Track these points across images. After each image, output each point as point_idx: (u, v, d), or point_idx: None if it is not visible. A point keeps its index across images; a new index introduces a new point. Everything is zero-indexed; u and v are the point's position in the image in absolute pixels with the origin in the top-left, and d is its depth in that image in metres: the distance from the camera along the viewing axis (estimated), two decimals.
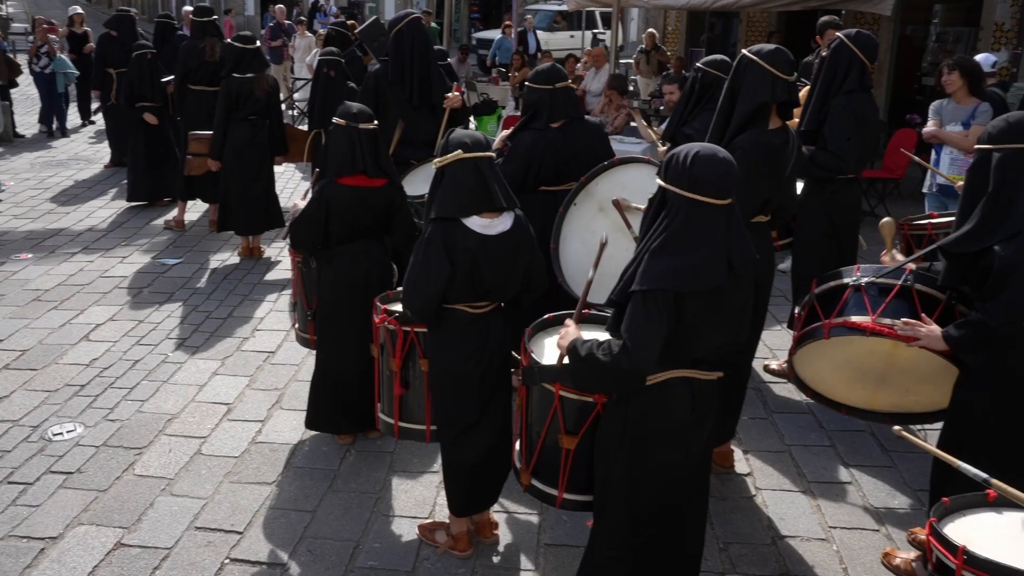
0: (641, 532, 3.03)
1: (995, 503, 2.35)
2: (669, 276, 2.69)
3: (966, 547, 2.04)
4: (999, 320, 3.07)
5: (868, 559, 3.80)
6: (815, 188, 5.13)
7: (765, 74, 3.82)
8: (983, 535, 2.21)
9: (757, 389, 5.38)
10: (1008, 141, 3.16)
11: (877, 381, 3.69)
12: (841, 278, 3.68)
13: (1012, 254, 3.05)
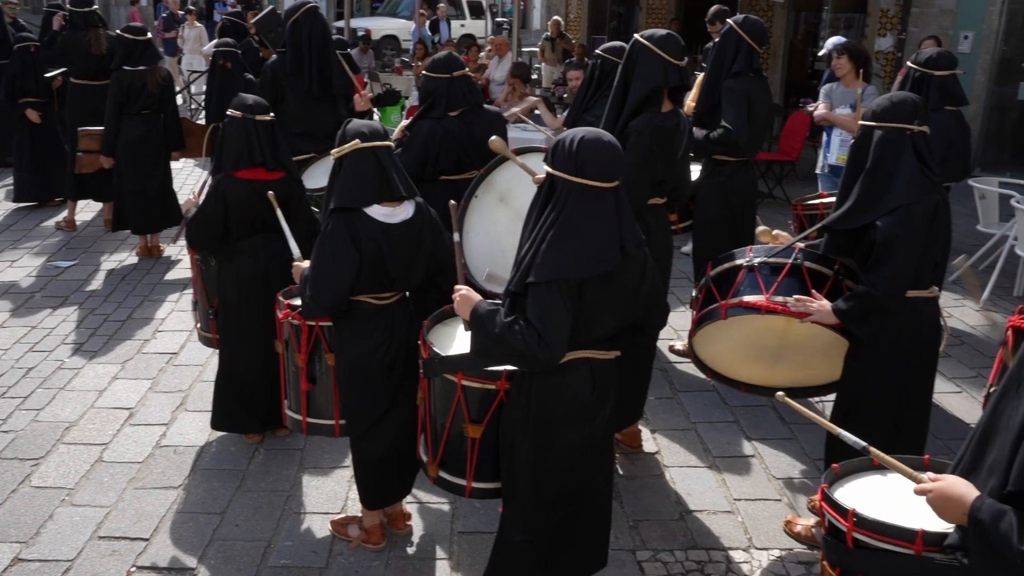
0: (550, 514, 3.07)
1: (880, 467, 2.45)
2: (569, 265, 2.71)
3: (855, 510, 2.13)
4: (883, 292, 3.22)
5: (771, 528, 3.94)
6: (712, 171, 5.26)
7: (657, 59, 3.90)
8: (871, 497, 2.31)
9: (663, 369, 5.51)
10: (889, 120, 3.30)
11: (774, 358, 3.82)
12: (735, 259, 3.78)
13: (891, 228, 3.20)
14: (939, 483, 1.96)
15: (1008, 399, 1.85)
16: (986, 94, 11.73)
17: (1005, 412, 1.85)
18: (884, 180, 3.25)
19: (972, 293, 3.23)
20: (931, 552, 1.99)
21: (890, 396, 3.36)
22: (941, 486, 1.95)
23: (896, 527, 2.06)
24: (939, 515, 1.94)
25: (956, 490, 1.92)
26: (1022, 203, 6.78)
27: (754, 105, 5.10)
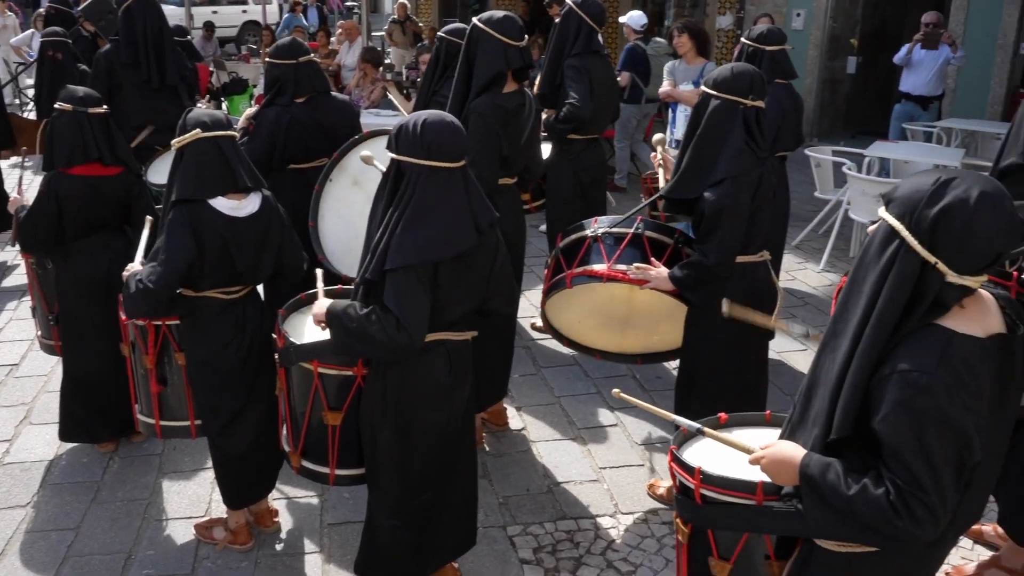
0: (416, 496, 3.09)
1: (727, 425, 2.58)
2: (425, 248, 2.72)
3: (701, 467, 2.24)
4: (714, 260, 3.38)
5: (636, 493, 4.08)
6: (562, 150, 5.35)
7: (497, 43, 3.94)
8: (717, 455, 2.43)
9: (526, 347, 5.59)
10: (726, 91, 3.41)
11: (623, 324, 3.97)
12: (582, 230, 3.90)
13: (719, 199, 3.35)
14: (768, 450, 2.08)
15: (827, 352, 1.97)
16: (819, 68, 12.39)
17: (824, 366, 1.98)
18: (713, 151, 3.40)
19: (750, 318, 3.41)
20: (771, 501, 2.11)
21: (729, 357, 3.53)
22: (771, 452, 2.07)
23: (738, 480, 2.18)
24: (775, 480, 2.06)
25: (785, 453, 2.03)
26: (853, 170, 7.23)
27: (596, 83, 5.22)
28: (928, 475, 1.77)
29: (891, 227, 1.87)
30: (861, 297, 1.89)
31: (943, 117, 10.07)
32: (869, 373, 1.85)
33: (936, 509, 1.79)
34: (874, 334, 1.84)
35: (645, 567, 3.59)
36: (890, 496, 1.80)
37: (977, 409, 1.80)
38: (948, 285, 1.82)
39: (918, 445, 1.78)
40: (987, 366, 1.85)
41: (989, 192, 1.81)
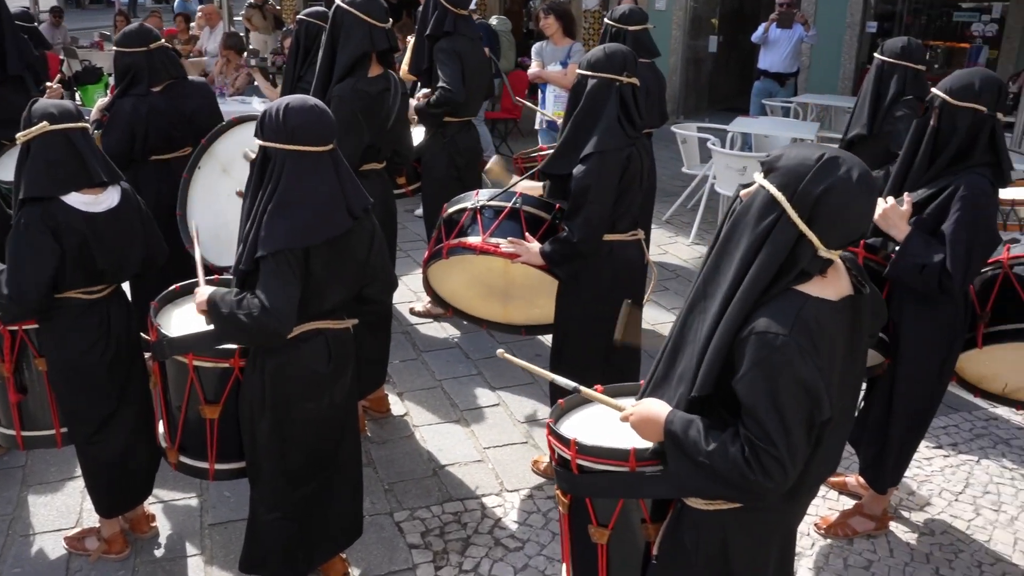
0: (299, 488, 3.04)
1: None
2: (293, 233, 2.68)
3: (576, 439, 2.29)
4: (580, 237, 3.46)
5: (520, 470, 4.14)
6: (436, 133, 5.33)
7: (362, 24, 3.89)
8: (592, 426, 2.49)
9: (406, 332, 5.57)
10: (601, 70, 3.49)
11: (504, 296, 4.04)
12: (463, 202, 3.94)
13: (585, 176, 3.42)
14: (636, 407, 2.15)
15: (695, 314, 2.05)
16: (682, 48, 12.74)
17: (692, 326, 2.06)
18: (589, 128, 3.47)
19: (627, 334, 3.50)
20: (643, 467, 2.18)
21: (597, 331, 3.62)
22: (638, 410, 2.14)
23: (612, 449, 2.24)
24: (643, 437, 2.14)
25: (651, 411, 2.11)
26: (717, 145, 7.49)
27: (468, 66, 5.23)
28: (779, 431, 1.87)
29: (772, 197, 1.93)
30: (734, 261, 1.96)
31: (799, 93, 10.55)
32: (733, 334, 1.94)
33: (785, 463, 1.88)
34: (743, 298, 1.92)
35: (532, 542, 3.65)
36: (744, 451, 1.90)
37: (828, 369, 1.91)
38: (817, 258, 1.91)
39: (771, 403, 1.87)
40: (840, 327, 1.96)
41: (865, 175, 1.90)
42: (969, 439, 4.54)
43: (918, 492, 4.06)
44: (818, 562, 3.56)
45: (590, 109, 3.48)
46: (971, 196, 3.05)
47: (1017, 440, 4.54)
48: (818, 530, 3.72)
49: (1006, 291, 3.32)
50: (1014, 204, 4.51)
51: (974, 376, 3.67)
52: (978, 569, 3.56)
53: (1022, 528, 3.82)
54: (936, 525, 3.83)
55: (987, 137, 3.11)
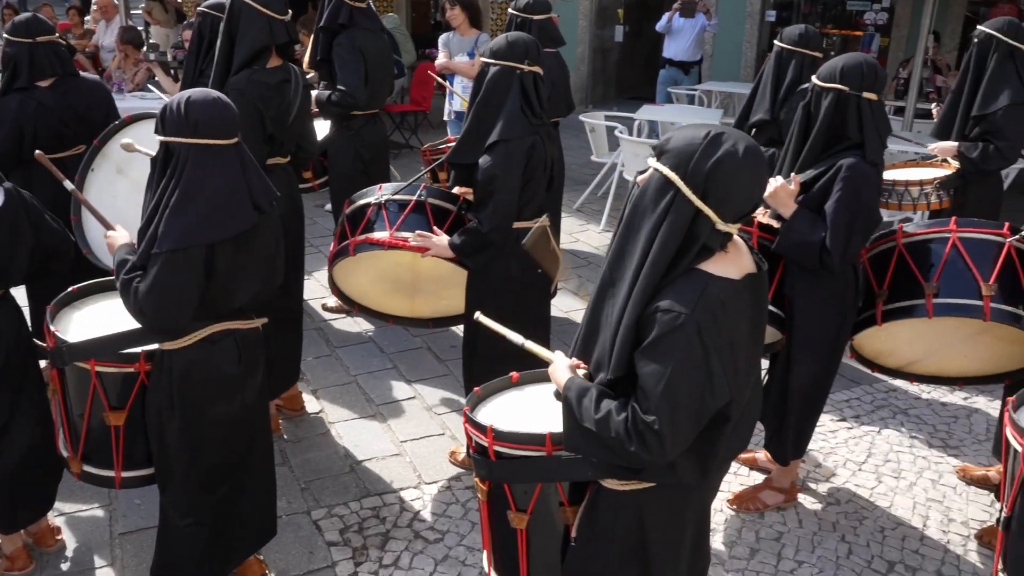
0: (211, 492, 2.98)
1: (519, 383, 2.67)
2: (196, 229, 2.60)
3: (493, 425, 2.30)
4: (489, 226, 3.47)
5: (438, 462, 4.13)
6: (342, 126, 5.26)
7: (260, 17, 3.81)
8: (509, 412, 2.51)
9: (318, 328, 5.50)
10: (503, 58, 3.50)
11: (412, 290, 4.02)
12: (366, 197, 3.90)
13: (491, 166, 3.44)
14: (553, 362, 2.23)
15: (605, 300, 2.08)
16: (589, 37, 12.87)
17: (603, 312, 2.09)
18: (491, 117, 3.47)
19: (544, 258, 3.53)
20: (560, 450, 2.21)
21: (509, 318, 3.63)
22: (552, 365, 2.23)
23: (527, 434, 2.26)
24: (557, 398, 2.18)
25: (556, 376, 2.17)
26: (624, 133, 7.60)
27: (371, 60, 5.15)
28: (664, 408, 1.91)
29: (666, 178, 1.97)
30: (637, 244, 1.99)
31: (703, 81, 10.78)
32: (640, 314, 1.97)
33: (664, 439, 1.92)
34: (648, 277, 1.96)
35: (452, 532, 3.65)
36: (627, 422, 1.94)
37: (730, 348, 1.95)
38: (716, 232, 1.96)
39: (663, 379, 1.90)
40: (742, 305, 2.01)
41: (751, 148, 1.96)
42: (871, 411, 4.73)
43: (824, 464, 4.21)
44: (731, 537, 3.66)
45: (491, 97, 3.49)
46: (851, 177, 3.17)
47: (915, 410, 4.75)
48: (730, 506, 3.82)
49: (901, 268, 3.46)
50: (895, 184, 4.69)
51: (872, 352, 3.82)
52: (881, 534, 3.71)
53: (920, 493, 4.00)
54: (841, 494, 3.98)
55: (855, 118, 3.23)
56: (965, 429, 4.57)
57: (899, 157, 6.36)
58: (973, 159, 4.59)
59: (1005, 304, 3.29)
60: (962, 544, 3.65)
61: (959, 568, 3.52)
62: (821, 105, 3.31)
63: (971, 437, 4.49)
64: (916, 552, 3.61)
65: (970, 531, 3.73)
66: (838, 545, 3.63)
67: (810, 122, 3.38)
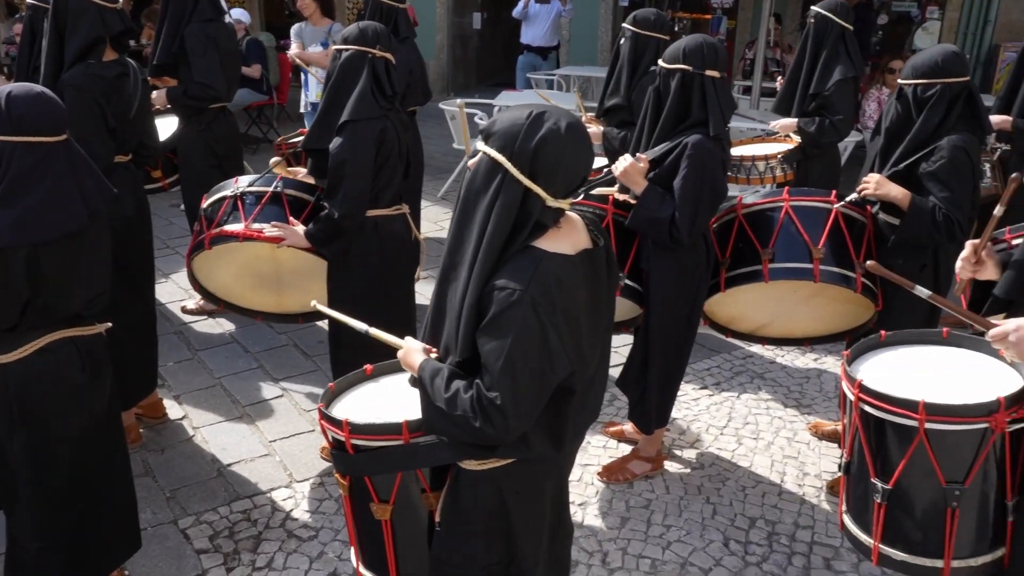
0: (64, 511, 2.83)
1: (374, 375, 2.65)
2: (16, 230, 2.45)
3: (348, 419, 2.28)
4: (341, 212, 3.44)
5: (309, 459, 4.07)
6: (190, 121, 5.08)
7: (90, 6, 3.63)
8: (364, 405, 2.49)
9: (178, 332, 5.31)
10: (354, 43, 3.49)
11: (277, 284, 3.95)
12: (223, 191, 3.81)
13: (340, 150, 3.41)
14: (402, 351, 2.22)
15: (449, 283, 2.09)
16: (447, 25, 12.86)
17: (447, 297, 2.10)
18: (342, 100, 3.45)
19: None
20: (417, 437, 2.21)
21: (371, 308, 3.62)
22: (401, 354, 2.22)
23: (383, 424, 2.25)
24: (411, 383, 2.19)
25: (409, 357, 2.18)
26: (484, 120, 7.64)
27: (224, 52, 5.02)
28: (508, 383, 1.94)
29: (494, 160, 2.00)
30: (473, 227, 2.01)
31: (561, 65, 10.95)
32: (480, 294, 2.00)
33: (508, 414, 1.95)
34: (485, 257, 1.98)
35: (327, 528, 3.61)
36: (473, 399, 1.97)
37: (564, 323, 2.00)
38: (547, 208, 2.00)
39: (503, 355, 1.93)
40: (578, 279, 2.06)
41: (574, 123, 2.01)
42: (730, 377, 4.94)
43: (688, 430, 4.38)
44: (603, 508, 3.76)
45: (343, 81, 3.48)
46: (696, 154, 3.30)
47: (770, 373, 4.99)
48: (600, 478, 3.92)
49: (741, 237, 3.63)
50: (743, 160, 4.90)
51: (724, 318, 3.99)
52: (742, 492, 3.89)
53: (777, 451, 4.21)
54: (705, 459, 4.14)
55: (699, 95, 3.37)
56: (816, 388, 4.84)
57: (748, 134, 6.64)
58: (811, 133, 4.87)
59: (834, 266, 3.50)
60: (816, 495, 3.87)
61: (813, 517, 3.72)
62: (669, 86, 3.42)
63: (822, 395, 4.76)
64: (775, 507, 3.80)
65: (823, 483, 3.95)
66: (703, 507, 3.78)
67: (660, 102, 3.49)
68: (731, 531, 3.64)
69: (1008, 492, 2.41)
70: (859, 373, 2.55)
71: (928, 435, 2.35)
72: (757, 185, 5.41)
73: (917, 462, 2.40)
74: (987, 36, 10.78)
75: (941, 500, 2.41)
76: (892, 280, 2.50)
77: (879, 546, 2.55)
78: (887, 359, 2.69)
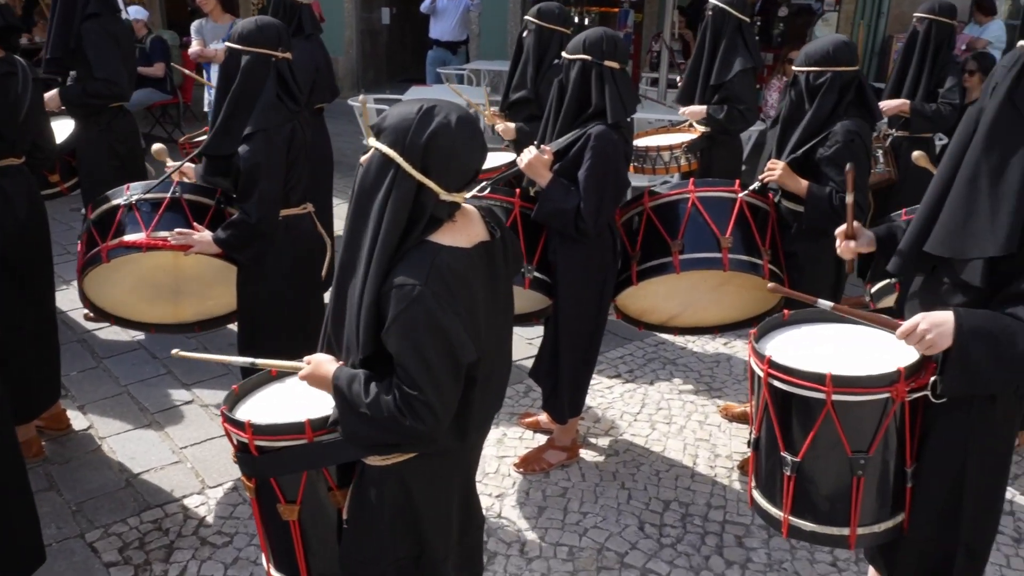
0: None
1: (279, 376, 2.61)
2: None
3: (250, 421, 2.25)
4: (256, 217, 3.38)
5: (222, 464, 3.99)
6: (88, 122, 4.92)
7: None
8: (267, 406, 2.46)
9: (81, 340, 5.15)
10: (255, 44, 3.41)
11: (175, 294, 3.85)
12: (112, 200, 3.70)
13: (252, 155, 3.34)
14: (310, 366, 2.18)
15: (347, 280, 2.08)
16: (356, 20, 12.73)
17: (348, 292, 2.09)
18: (248, 106, 3.38)
19: None
20: (321, 435, 2.20)
21: (287, 310, 3.58)
22: (310, 368, 2.17)
23: (286, 424, 2.23)
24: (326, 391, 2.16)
25: (321, 369, 2.15)
26: None
27: (124, 48, 4.88)
28: (425, 376, 1.96)
29: (385, 155, 2.00)
30: (368, 223, 2.01)
31: (471, 60, 10.94)
32: (379, 291, 2.00)
33: (435, 406, 1.98)
34: (381, 253, 1.99)
35: (241, 533, 3.55)
36: (396, 400, 1.98)
37: (466, 313, 2.02)
38: (440, 202, 2.01)
39: (415, 351, 1.95)
40: (476, 272, 2.08)
41: (464, 117, 2.02)
42: (643, 364, 5.03)
43: (603, 418, 4.44)
44: (520, 499, 3.79)
45: (247, 86, 3.40)
46: (599, 145, 3.35)
47: (682, 359, 5.10)
48: (517, 469, 3.96)
49: (650, 230, 3.70)
50: (648, 150, 5.00)
51: (636, 311, 4.06)
52: (656, 477, 3.97)
53: (690, 434, 4.31)
54: (620, 445, 4.21)
55: (599, 85, 3.42)
56: (726, 372, 4.96)
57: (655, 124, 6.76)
58: (720, 120, 5.00)
59: (742, 254, 3.60)
60: (727, 476, 3.98)
61: (725, 497, 3.83)
62: (571, 76, 3.46)
63: (732, 378, 4.88)
64: (688, 488, 3.89)
65: (733, 463, 4.06)
66: (619, 492, 3.85)
67: (563, 94, 3.53)
68: (646, 515, 3.71)
69: (907, 459, 2.52)
70: (767, 350, 2.62)
71: (835, 406, 2.42)
72: (663, 175, 5.53)
73: (824, 434, 2.47)
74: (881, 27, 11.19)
75: (847, 469, 2.49)
76: (795, 298, 2.57)
77: (789, 518, 2.63)
78: (792, 337, 2.78)
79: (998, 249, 2.19)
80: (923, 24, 5.22)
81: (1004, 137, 2.23)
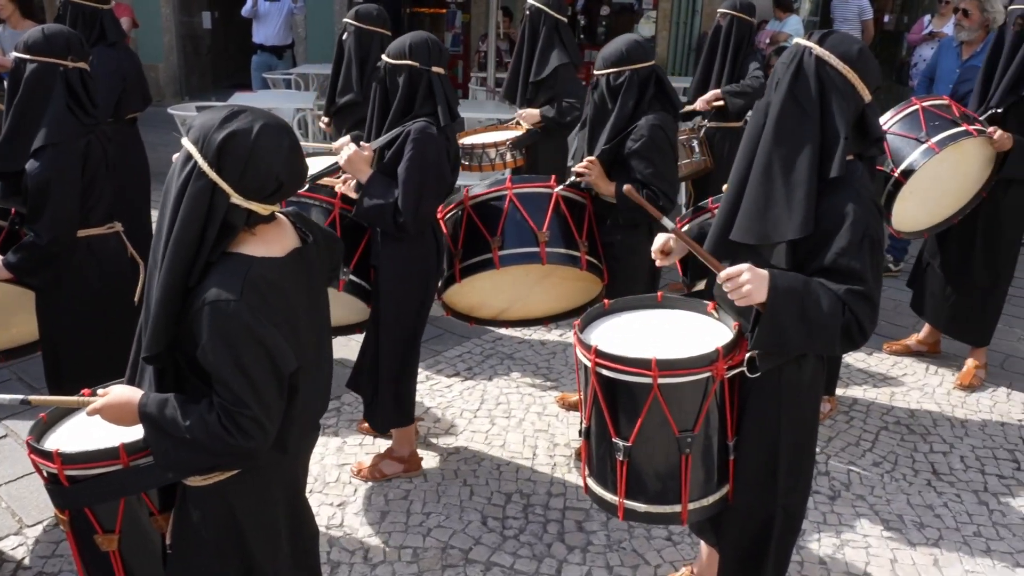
0: None
1: None
2: None
3: (60, 450, 2.14)
4: (48, 238, 3.20)
5: (40, 501, 3.71)
6: None
7: None
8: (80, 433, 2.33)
9: None
10: (41, 53, 3.25)
11: None
12: None
13: (41, 171, 3.16)
14: (104, 397, 2.08)
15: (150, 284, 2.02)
16: (175, 25, 12.23)
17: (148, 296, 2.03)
18: (35, 118, 3.20)
19: None
20: (137, 459, 2.11)
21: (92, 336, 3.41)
22: (107, 400, 2.07)
23: (98, 451, 2.12)
24: (121, 424, 2.07)
25: (122, 396, 2.06)
26: None
27: None
28: (249, 392, 1.93)
29: (187, 151, 1.98)
30: (165, 220, 1.98)
31: (298, 64, 10.73)
32: (177, 290, 1.96)
33: (262, 421, 1.96)
34: (175, 252, 1.94)
35: (65, 571, 3.35)
36: (221, 419, 1.94)
37: (287, 321, 2.00)
38: (234, 207, 1.97)
39: (235, 366, 1.92)
40: (291, 280, 2.06)
41: (271, 125, 1.99)
42: (481, 361, 5.09)
43: (443, 418, 4.47)
44: (363, 505, 3.76)
45: (32, 97, 3.23)
46: (419, 140, 3.37)
47: (519, 353, 5.20)
48: (354, 476, 3.92)
49: (470, 228, 3.75)
50: (475, 148, 5.07)
51: (465, 307, 4.10)
52: (498, 471, 4.03)
53: (529, 427, 4.40)
54: (461, 443, 4.25)
55: (425, 89, 3.44)
56: (562, 362, 5.10)
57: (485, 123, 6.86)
58: (553, 117, 5.15)
59: (560, 248, 3.70)
60: (566, 464, 4.09)
61: (564, 484, 3.93)
62: (397, 81, 3.45)
63: (567, 368, 5.02)
64: (529, 479, 3.97)
65: (571, 451, 4.18)
66: (460, 489, 3.89)
67: (387, 97, 3.51)
68: (488, 509, 3.76)
69: (729, 433, 2.66)
70: (592, 340, 2.70)
71: (661, 389, 2.52)
72: (489, 172, 5.62)
73: (652, 416, 2.57)
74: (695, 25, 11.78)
75: (676, 449, 2.60)
76: (647, 210, 2.63)
77: (624, 502, 2.71)
78: (614, 325, 2.87)
79: (796, 232, 2.36)
80: (726, 19, 5.56)
81: (791, 129, 2.41)
